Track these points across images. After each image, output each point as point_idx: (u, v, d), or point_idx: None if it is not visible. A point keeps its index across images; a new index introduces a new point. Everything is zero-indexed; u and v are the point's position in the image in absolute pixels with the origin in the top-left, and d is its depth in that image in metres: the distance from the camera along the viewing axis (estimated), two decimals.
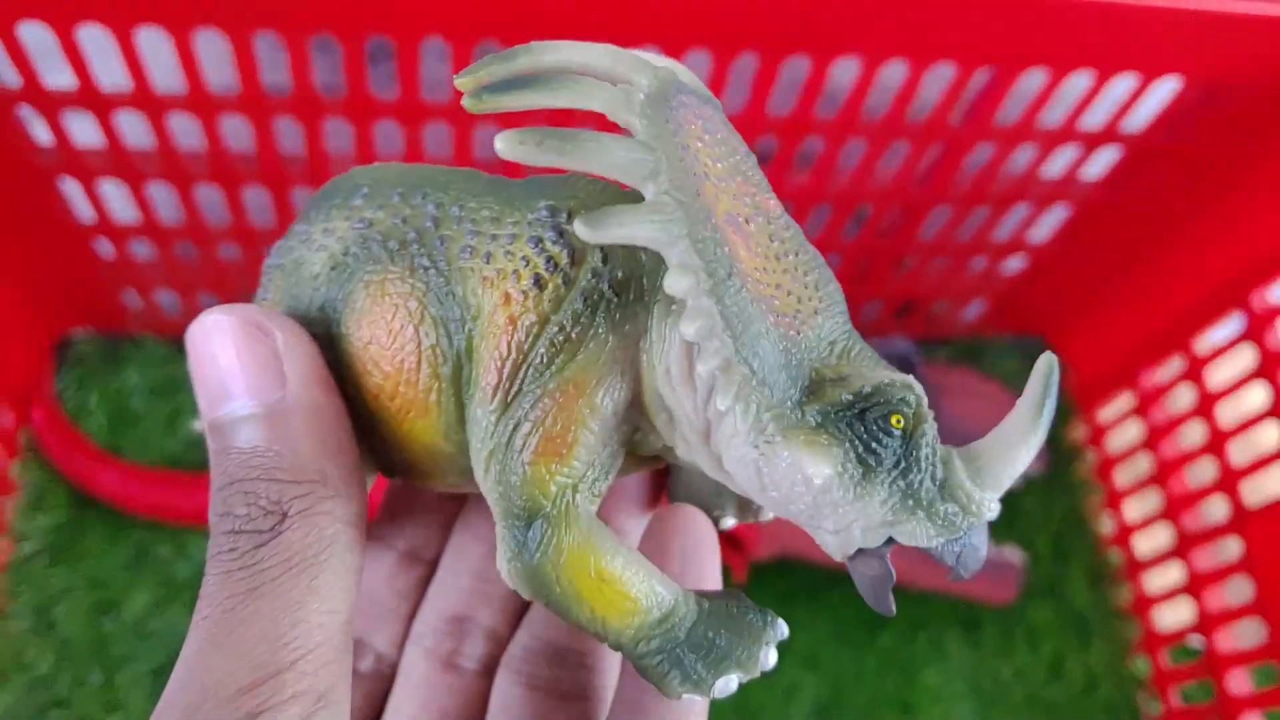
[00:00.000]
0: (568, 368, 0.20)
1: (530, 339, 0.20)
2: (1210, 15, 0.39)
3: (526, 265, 0.20)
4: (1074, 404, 0.58)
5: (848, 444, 0.18)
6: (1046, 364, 0.19)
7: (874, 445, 0.18)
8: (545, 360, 0.20)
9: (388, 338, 0.21)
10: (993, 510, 0.19)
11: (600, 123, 0.18)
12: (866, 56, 0.40)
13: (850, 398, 0.18)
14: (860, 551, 0.19)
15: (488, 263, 0.20)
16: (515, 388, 0.20)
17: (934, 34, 0.39)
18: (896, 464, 0.18)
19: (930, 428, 0.19)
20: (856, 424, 0.18)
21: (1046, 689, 0.52)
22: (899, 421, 0.18)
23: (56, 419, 0.50)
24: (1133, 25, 0.39)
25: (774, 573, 0.52)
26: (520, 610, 0.25)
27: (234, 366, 0.20)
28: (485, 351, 0.20)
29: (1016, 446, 0.19)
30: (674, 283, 0.18)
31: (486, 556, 0.25)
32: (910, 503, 0.18)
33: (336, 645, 0.19)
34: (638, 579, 0.19)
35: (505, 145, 0.17)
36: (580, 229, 0.17)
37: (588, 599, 0.19)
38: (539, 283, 0.19)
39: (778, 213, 0.19)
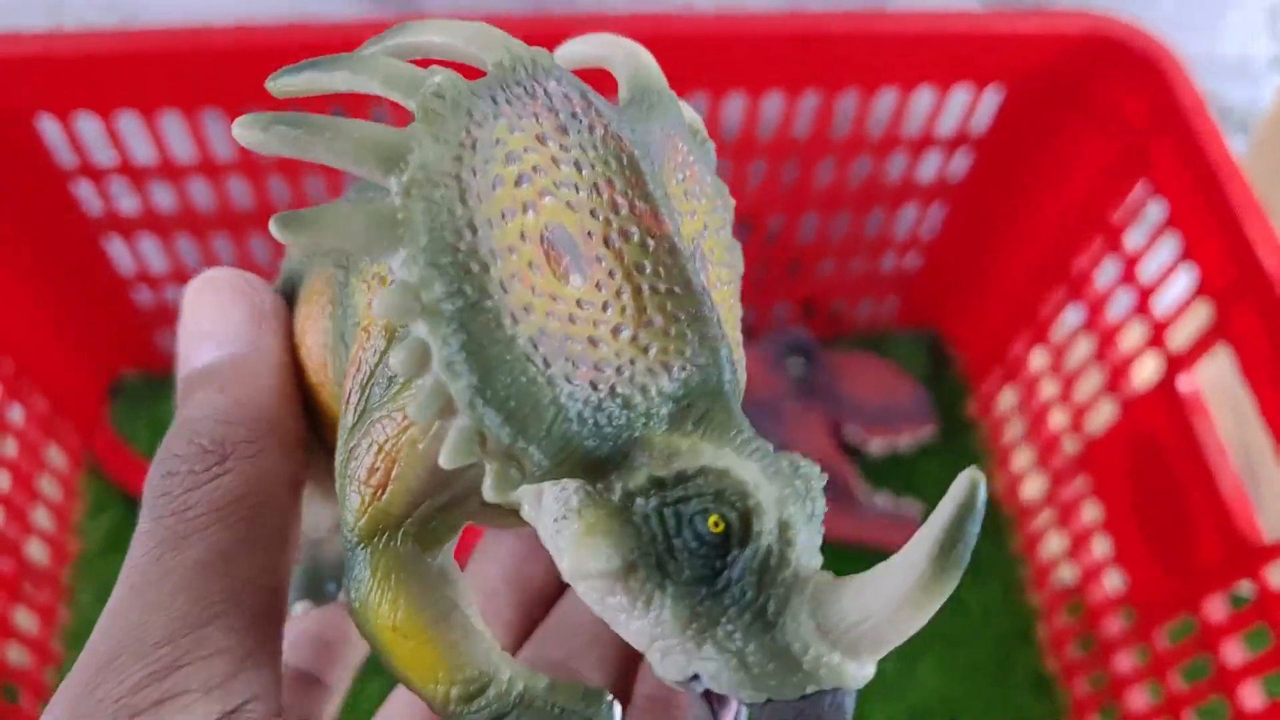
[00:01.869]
0: (403, 392, 0.17)
1: (379, 353, 0.18)
2: (1017, 35, 0.50)
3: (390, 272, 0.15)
4: (965, 383, 0.68)
5: (645, 538, 0.15)
6: (966, 487, 0.14)
7: (674, 547, 0.15)
8: (388, 379, 0.17)
9: (310, 335, 0.20)
10: (855, 676, 0.15)
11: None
12: (749, 90, 0.50)
13: (659, 477, 0.15)
14: (696, 680, 0.15)
15: (370, 263, 0.19)
16: (362, 404, 0.18)
17: (804, 65, 0.50)
18: (705, 580, 0.15)
19: (776, 546, 0.15)
20: (661, 515, 0.15)
21: (948, 622, 0.60)
22: (717, 525, 0.15)
23: (112, 442, 0.61)
24: (961, 44, 0.50)
25: None
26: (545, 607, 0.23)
27: (214, 318, 0.20)
28: (348, 360, 0.18)
29: (905, 608, 0.14)
30: (382, 302, 0.14)
31: (512, 555, 0.23)
32: (718, 637, 0.15)
33: (266, 605, 0.18)
34: (449, 641, 0.17)
35: (238, 130, 0.15)
36: (275, 227, 0.14)
37: (390, 649, 0.17)
38: None
39: (664, 236, 0.16)
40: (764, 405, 0.60)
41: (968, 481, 0.14)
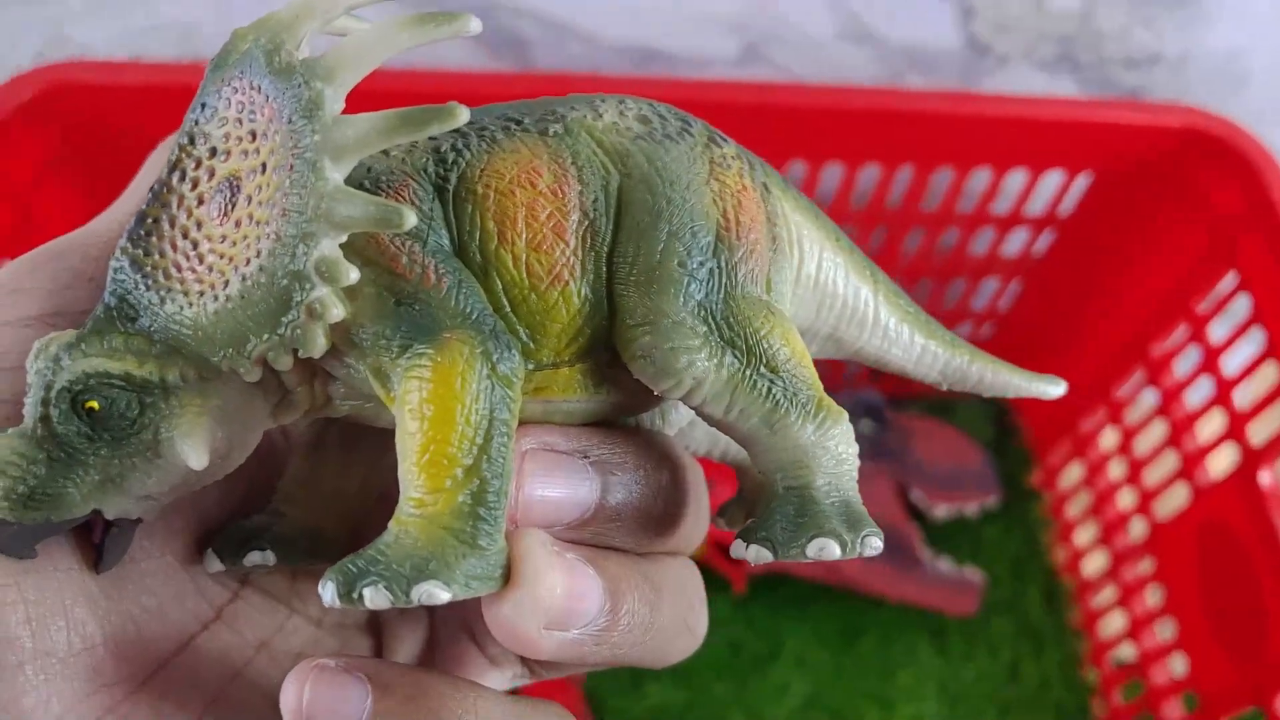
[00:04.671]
0: None
1: None
2: (1112, 124, 0.51)
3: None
4: (1030, 453, 0.68)
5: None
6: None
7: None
8: None
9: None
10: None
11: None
12: (847, 163, 0.52)
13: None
14: None
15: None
16: None
17: (901, 140, 0.51)
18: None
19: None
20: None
21: (1004, 690, 0.61)
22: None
23: None
24: (1056, 130, 0.51)
25: (767, 585, 0.62)
26: None
27: None
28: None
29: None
30: None
31: None
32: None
33: None
34: None
35: None
36: None
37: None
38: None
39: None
40: None
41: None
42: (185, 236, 0.19)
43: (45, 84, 0.46)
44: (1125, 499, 0.60)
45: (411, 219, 0.18)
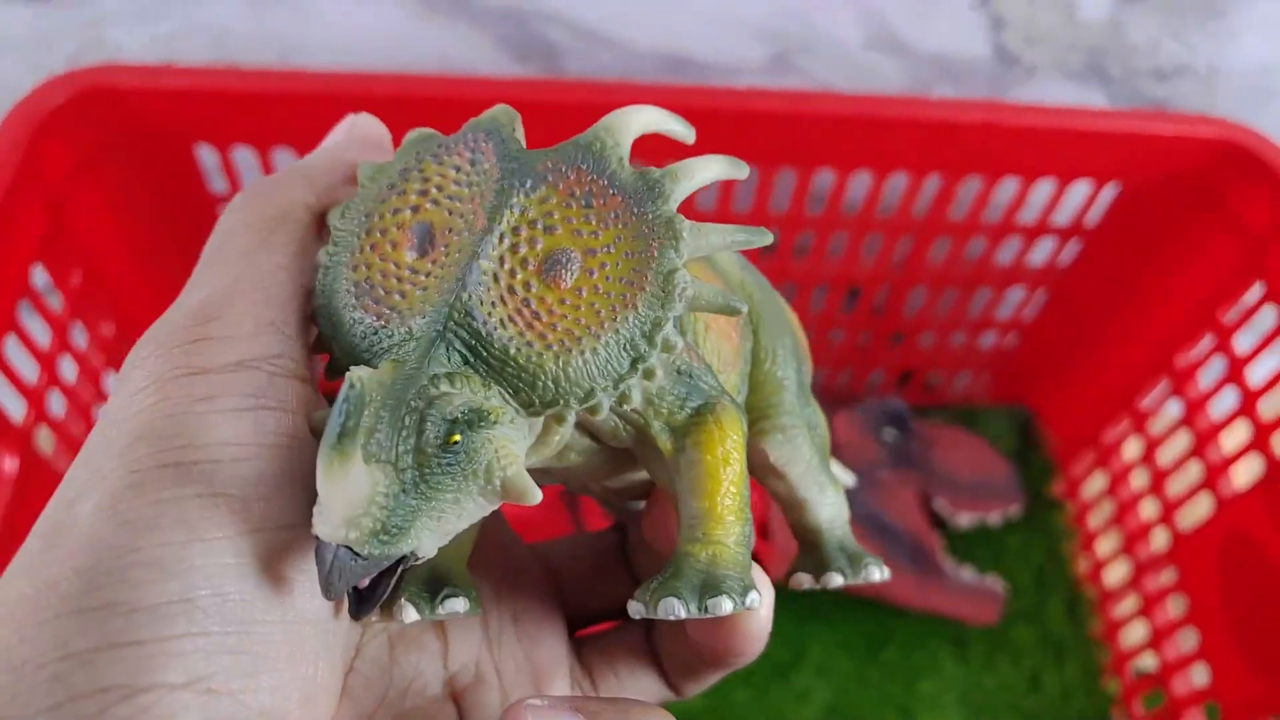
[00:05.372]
0: None
1: None
2: (1142, 135, 0.51)
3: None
4: (1053, 462, 0.68)
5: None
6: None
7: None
8: None
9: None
10: None
11: None
12: (875, 171, 0.52)
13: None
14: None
15: None
16: None
17: (929, 149, 0.52)
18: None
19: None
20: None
21: (1026, 699, 0.61)
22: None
23: None
24: (1085, 140, 0.52)
25: (790, 593, 0.62)
26: None
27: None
28: None
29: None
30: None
31: None
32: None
33: (289, 289, 0.22)
34: None
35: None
36: None
37: None
38: None
39: (478, 230, 0.21)
40: (858, 472, 0.62)
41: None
42: (516, 294, 0.21)
43: (79, 87, 0.46)
44: (1148, 509, 0.60)
45: (743, 306, 0.21)
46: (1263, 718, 0.51)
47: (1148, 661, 0.60)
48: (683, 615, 0.21)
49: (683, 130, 0.23)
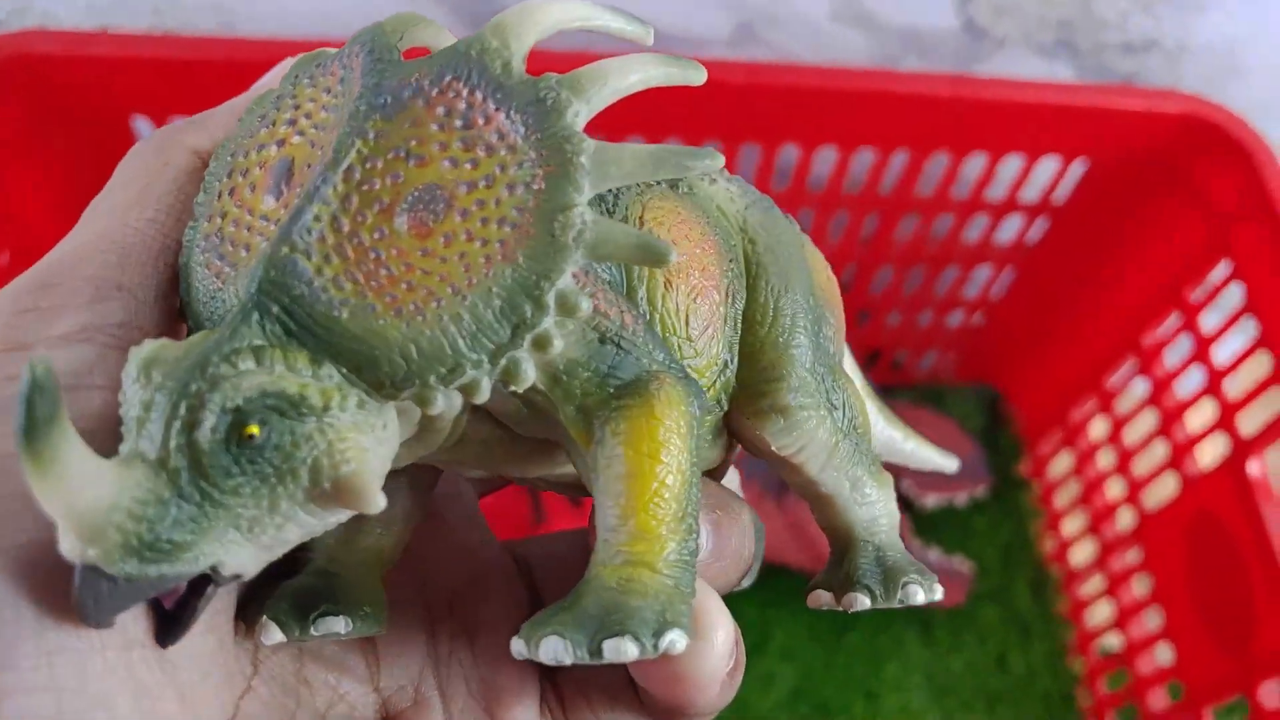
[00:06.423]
0: None
1: None
2: (1109, 110, 0.50)
3: None
4: (1020, 441, 0.68)
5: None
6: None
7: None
8: None
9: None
10: None
11: None
12: (842, 146, 0.51)
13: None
14: None
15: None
16: None
17: (896, 124, 0.50)
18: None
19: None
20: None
21: (991, 680, 0.60)
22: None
23: None
24: (1052, 114, 0.51)
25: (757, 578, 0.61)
26: None
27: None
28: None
29: None
30: None
31: None
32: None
33: (145, 247, 0.19)
34: None
35: None
36: None
37: None
38: None
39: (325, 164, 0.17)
40: None
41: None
42: (362, 244, 0.16)
43: (4, 54, 0.44)
44: (1114, 488, 0.60)
45: (674, 254, 0.17)
46: (1226, 696, 0.50)
47: (1113, 641, 0.59)
48: (566, 661, 0.17)
49: (626, 25, 0.18)
